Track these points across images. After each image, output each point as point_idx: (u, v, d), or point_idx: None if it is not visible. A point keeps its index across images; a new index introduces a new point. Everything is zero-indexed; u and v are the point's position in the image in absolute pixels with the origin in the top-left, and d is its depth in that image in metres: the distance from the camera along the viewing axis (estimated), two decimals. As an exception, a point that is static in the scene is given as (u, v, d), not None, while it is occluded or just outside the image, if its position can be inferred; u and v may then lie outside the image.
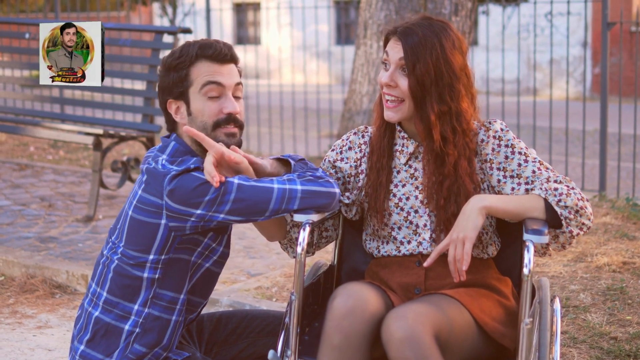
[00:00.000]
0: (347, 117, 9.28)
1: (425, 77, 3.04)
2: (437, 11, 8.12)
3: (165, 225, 2.97)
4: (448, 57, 3.06)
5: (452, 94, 3.07)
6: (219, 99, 3.06)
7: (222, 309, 4.99)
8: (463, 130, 3.10)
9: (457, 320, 2.89)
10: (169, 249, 3.00)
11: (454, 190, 3.09)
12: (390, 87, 3.10)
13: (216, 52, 3.06)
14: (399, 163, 3.23)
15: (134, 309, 3.06)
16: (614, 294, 4.90)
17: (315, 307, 3.31)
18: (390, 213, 3.20)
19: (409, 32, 3.07)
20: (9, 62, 9.88)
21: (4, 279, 5.86)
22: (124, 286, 3.06)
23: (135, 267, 3.03)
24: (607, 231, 6.20)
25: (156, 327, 3.06)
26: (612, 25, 8.10)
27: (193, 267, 3.08)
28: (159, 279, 3.03)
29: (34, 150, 10.60)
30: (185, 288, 3.08)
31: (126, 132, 7.25)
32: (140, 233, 3.01)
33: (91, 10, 22.97)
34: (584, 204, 2.97)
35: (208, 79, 3.05)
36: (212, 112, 3.06)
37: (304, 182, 2.95)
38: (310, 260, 5.42)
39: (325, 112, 14.14)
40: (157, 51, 7.53)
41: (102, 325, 3.09)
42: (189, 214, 2.90)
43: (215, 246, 3.11)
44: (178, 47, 3.12)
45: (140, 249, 3.01)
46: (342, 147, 3.34)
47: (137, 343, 3.06)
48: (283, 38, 25.44)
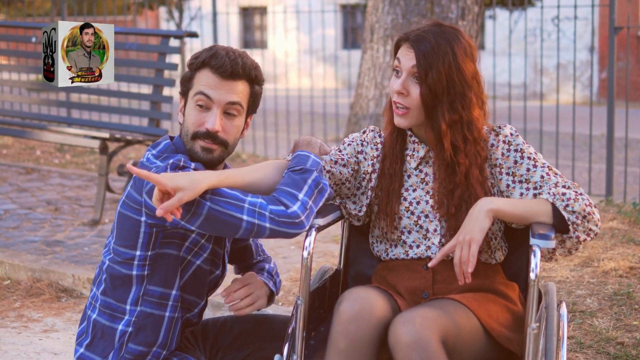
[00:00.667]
0: (353, 122, 9.27)
1: (437, 85, 3.02)
2: (443, 15, 8.12)
3: (145, 223, 2.98)
4: (460, 65, 3.04)
5: (463, 102, 3.06)
6: (207, 111, 3.05)
7: (227, 313, 4.98)
8: (474, 138, 3.09)
9: (464, 325, 2.88)
10: (154, 245, 3.00)
11: (465, 198, 3.07)
12: (402, 95, 3.09)
13: (218, 65, 3.03)
14: (409, 167, 3.22)
15: (126, 308, 3.06)
16: (620, 299, 4.88)
17: (321, 312, 3.30)
18: (401, 217, 3.19)
19: (422, 39, 3.06)
20: (15, 65, 9.92)
21: (10, 282, 5.86)
22: (115, 286, 3.07)
23: (124, 265, 3.03)
24: (613, 236, 6.18)
25: (149, 325, 3.05)
26: (619, 30, 8.08)
27: (182, 263, 3.07)
28: (149, 276, 3.03)
29: (40, 154, 10.61)
30: (176, 284, 3.06)
31: (132, 136, 7.24)
32: (126, 228, 3.03)
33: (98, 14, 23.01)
34: (591, 209, 2.96)
35: (200, 89, 3.03)
36: (195, 122, 3.05)
37: (272, 221, 2.86)
38: (316, 265, 5.43)
39: (331, 117, 14.14)
40: (164, 55, 7.52)
41: (99, 328, 3.10)
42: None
43: (204, 242, 3.09)
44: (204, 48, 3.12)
45: (126, 245, 3.03)
46: (363, 141, 3.33)
47: (131, 342, 3.06)
48: (290, 42, 25.48)
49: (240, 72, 3.05)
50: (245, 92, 3.09)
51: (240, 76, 3.05)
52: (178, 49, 7.67)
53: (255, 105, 3.18)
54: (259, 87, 3.14)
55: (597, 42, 21.45)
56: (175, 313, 3.09)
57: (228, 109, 3.05)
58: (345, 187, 3.26)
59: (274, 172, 3.08)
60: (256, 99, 3.16)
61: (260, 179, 3.03)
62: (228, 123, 3.06)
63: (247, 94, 3.09)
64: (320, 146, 3.22)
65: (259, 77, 3.13)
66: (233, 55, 3.05)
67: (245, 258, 3.49)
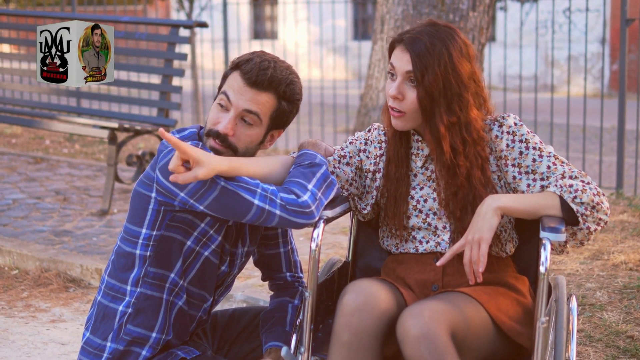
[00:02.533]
0: (363, 113, 9.26)
1: (434, 87, 2.99)
2: (454, 6, 8.08)
3: (155, 199, 2.99)
4: (456, 66, 3.01)
5: (460, 104, 3.03)
6: (225, 112, 3.03)
7: (235, 304, 4.98)
8: (473, 140, 3.06)
9: (473, 318, 2.86)
10: (160, 225, 3.01)
11: (470, 200, 3.05)
12: (397, 100, 3.06)
13: (246, 70, 3.01)
14: (415, 166, 3.20)
15: (127, 289, 3.07)
16: (630, 292, 4.87)
17: (329, 304, 3.29)
18: (409, 216, 3.18)
19: (416, 40, 3.02)
20: (25, 55, 9.90)
21: (18, 272, 5.86)
22: (120, 267, 3.08)
23: (130, 243, 3.06)
24: (624, 229, 6.16)
25: (148, 307, 3.05)
26: (631, 22, 8.04)
27: (190, 253, 3.06)
28: (150, 257, 3.03)
29: (49, 144, 10.62)
30: (176, 269, 3.05)
31: (141, 126, 7.24)
32: (136, 206, 3.06)
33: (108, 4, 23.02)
34: (600, 199, 2.94)
35: (225, 89, 3.03)
36: (212, 119, 3.05)
37: (283, 208, 2.87)
38: (324, 256, 5.41)
39: (341, 108, 14.12)
40: (173, 45, 7.50)
41: (101, 309, 3.11)
42: (173, 194, 2.91)
43: (213, 233, 3.08)
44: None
45: (135, 222, 3.05)
46: (367, 140, 3.31)
47: (130, 324, 3.05)
48: (300, 33, 25.45)
49: (266, 84, 3.00)
50: (269, 104, 3.04)
51: (264, 87, 3.01)
52: (188, 39, 7.65)
53: (281, 121, 3.11)
54: (287, 104, 3.08)
55: (608, 34, 21.37)
56: (172, 297, 3.07)
57: (244, 115, 3.01)
58: (353, 187, 3.25)
59: (281, 168, 3.08)
60: (282, 115, 3.09)
61: (267, 174, 3.03)
62: (242, 130, 3.03)
63: (270, 107, 3.04)
64: (325, 148, 3.21)
65: (289, 94, 3.07)
66: (266, 64, 3.01)
67: (273, 266, 3.46)
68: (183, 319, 3.12)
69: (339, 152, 3.26)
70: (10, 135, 11.18)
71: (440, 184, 3.11)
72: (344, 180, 3.21)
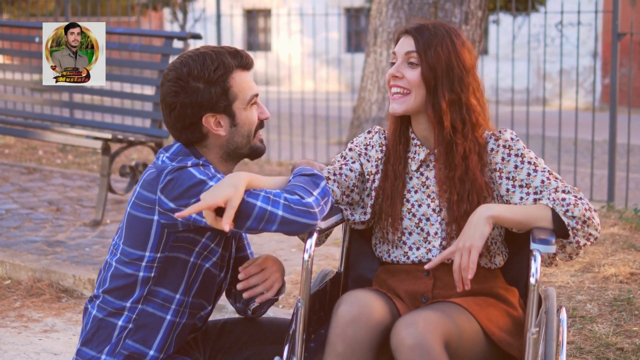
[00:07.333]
0: (356, 125, 9.27)
1: (437, 65, 3.08)
2: (447, 19, 8.12)
3: (157, 222, 2.97)
4: (459, 51, 3.11)
5: (462, 85, 3.11)
6: (257, 107, 3.12)
7: (227, 315, 4.99)
8: (472, 124, 3.12)
9: (466, 328, 2.88)
10: (164, 247, 3.00)
11: (466, 185, 3.08)
12: (397, 78, 3.13)
13: (246, 60, 3.07)
14: (410, 170, 3.23)
15: (126, 306, 3.04)
16: (620, 304, 4.89)
17: (321, 314, 3.30)
18: (402, 218, 3.20)
19: (420, 27, 3.14)
20: (18, 65, 9.92)
21: (11, 282, 5.86)
22: (119, 287, 3.05)
23: (131, 266, 3.02)
24: (614, 242, 6.18)
25: (150, 324, 3.04)
26: (623, 36, 8.08)
27: (193, 268, 3.06)
28: (155, 277, 3.02)
29: (42, 154, 10.62)
30: (181, 288, 3.04)
31: (135, 137, 7.25)
32: (136, 229, 3.02)
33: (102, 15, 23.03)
34: (591, 214, 2.97)
35: (253, 92, 3.07)
36: (254, 119, 3.10)
37: (286, 207, 2.87)
38: (317, 267, 5.43)
39: (334, 120, 14.13)
40: (167, 56, 7.52)
41: (97, 322, 3.09)
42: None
43: (214, 247, 3.09)
44: (202, 58, 3.01)
45: (136, 245, 3.01)
46: (367, 144, 3.34)
47: (129, 339, 3.04)
48: (293, 45, 25.48)
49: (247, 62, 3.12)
50: None
51: (251, 66, 3.14)
52: (181, 50, 7.67)
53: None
54: None
55: (600, 48, 21.43)
56: (177, 317, 3.07)
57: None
58: (354, 194, 3.27)
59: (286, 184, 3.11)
60: None
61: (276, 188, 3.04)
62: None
63: None
64: (320, 168, 3.23)
65: None
66: (236, 48, 3.10)
67: None
68: (183, 332, 3.13)
69: (339, 161, 3.30)
70: (3, 146, 11.18)
71: (439, 165, 3.14)
72: (344, 187, 3.23)
